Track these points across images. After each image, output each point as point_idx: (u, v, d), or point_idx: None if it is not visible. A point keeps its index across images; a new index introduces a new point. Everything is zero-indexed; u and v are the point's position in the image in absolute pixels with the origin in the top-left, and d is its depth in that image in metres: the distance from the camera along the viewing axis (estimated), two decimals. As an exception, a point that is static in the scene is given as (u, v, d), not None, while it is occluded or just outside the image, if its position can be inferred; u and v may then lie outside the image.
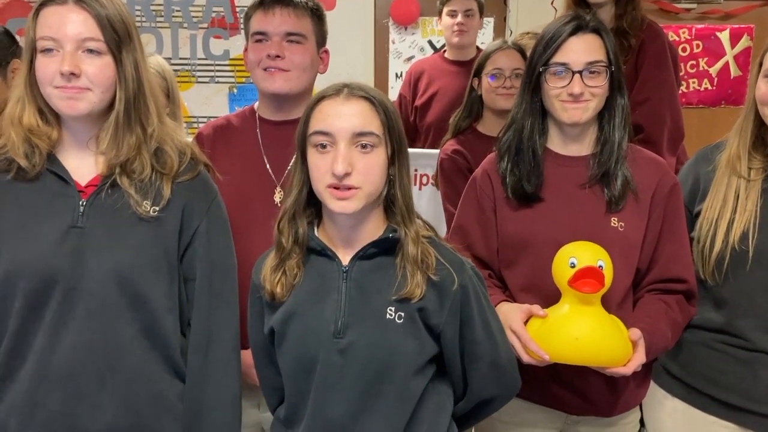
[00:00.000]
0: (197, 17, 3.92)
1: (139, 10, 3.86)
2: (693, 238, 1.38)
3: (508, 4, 3.73)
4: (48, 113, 1.16)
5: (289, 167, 1.40)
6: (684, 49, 3.99)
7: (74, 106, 1.13)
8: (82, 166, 1.19)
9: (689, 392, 1.40)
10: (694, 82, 3.95)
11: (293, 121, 1.39)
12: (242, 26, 1.54)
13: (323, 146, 1.10)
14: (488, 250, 1.43)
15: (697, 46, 3.98)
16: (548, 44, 1.33)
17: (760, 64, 1.32)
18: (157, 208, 1.17)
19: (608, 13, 1.92)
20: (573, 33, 1.32)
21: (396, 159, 1.13)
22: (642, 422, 1.50)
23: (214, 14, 3.91)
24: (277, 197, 1.51)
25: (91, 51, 1.13)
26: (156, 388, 1.19)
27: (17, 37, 1.90)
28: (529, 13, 1.98)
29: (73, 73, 1.10)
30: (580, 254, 1.24)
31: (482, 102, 2.06)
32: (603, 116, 1.38)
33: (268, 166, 1.54)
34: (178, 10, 3.89)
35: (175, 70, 2.53)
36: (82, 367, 1.13)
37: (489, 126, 2.03)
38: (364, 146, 1.09)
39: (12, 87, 1.18)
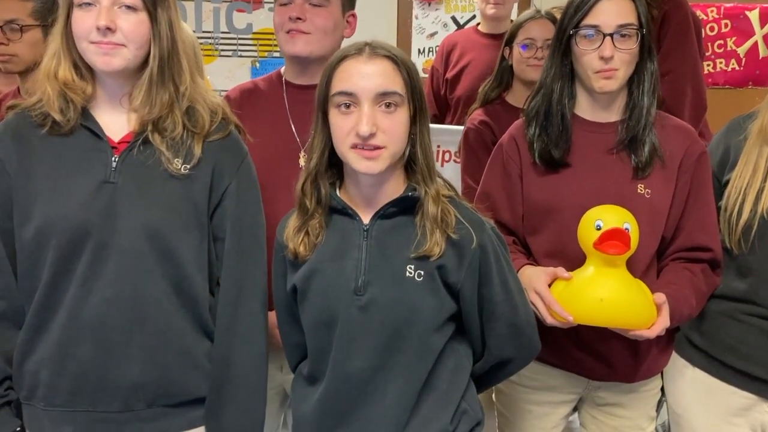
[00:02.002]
0: (220, -10, 3.93)
1: (162, -18, 3.87)
2: (720, 207, 1.38)
3: (534, -20, 3.69)
4: (83, 68, 1.17)
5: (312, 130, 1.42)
6: (712, 29, 3.92)
7: (109, 62, 1.14)
8: (115, 122, 1.20)
9: (710, 362, 1.40)
10: (721, 62, 3.88)
11: (315, 86, 1.37)
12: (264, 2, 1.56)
13: (347, 106, 1.10)
14: (513, 216, 1.44)
15: (726, 25, 3.91)
16: (579, 7, 1.33)
17: None
18: (188, 166, 1.19)
19: None
20: None
21: (417, 119, 1.14)
22: (663, 390, 1.50)
23: (237, -13, 3.92)
24: (302, 160, 1.52)
25: (127, 7, 1.13)
26: (183, 344, 1.21)
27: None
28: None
29: (108, 28, 1.11)
30: (606, 217, 1.24)
31: (512, 72, 2.05)
32: (632, 81, 1.37)
33: (293, 129, 1.56)
34: (201, -17, 3.90)
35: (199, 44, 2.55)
36: (111, 320, 1.16)
37: (518, 97, 2.00)
38: (388, 105, 1.10)
39: (48, 42, 1.19)
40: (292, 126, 1.56)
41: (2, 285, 1.19)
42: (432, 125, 1.20)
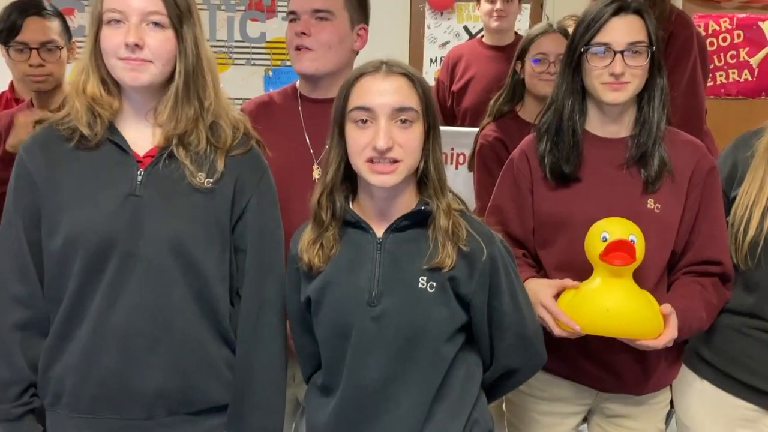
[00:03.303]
0: (235, 0, 3.98)
1: (178, -9, 3.93)
2: (728, 222, 1.40)
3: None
4: (110, 84, 1.21)
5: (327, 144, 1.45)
6: (724, 39, 3.94)
7: (137, 78, 1.18)
8: (141, 137, 1.24)
9: (717, 375, 1.42)
10: (734, 73, 3.90)
11: (330, 100, 1.40)
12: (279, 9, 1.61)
13: (363, 121, 1.14)
14: (524, 229, 1.46)
15: (738, 36, 3.92)
16: (590, 24, 1.36)
17: None
18: (211, 180, 1.22)
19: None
20: (615, 13, 1.35)
21: (431, 135, 1.18)
22: (672, 403, 1.52)
23: (251, -3, 3.98)
24: (315, 173, 1.55)
25: (155, 24, 1.17)
26: (204, 353, 1.25)
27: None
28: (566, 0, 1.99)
29: (137, 45, 1.15)
30: (611, 229, 1.27)
31: (524, 86, 2.07)
32: (642, 97, 1.39)
33: (308, 141, 1.59)
34: (216, -8, 3.96)
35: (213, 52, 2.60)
36: (136, 328, 1.19)
37: (530, 111, 2.02)
38: (403, 121, 1.14)
39: (77, 58, 1.23)
40: (307, 139, 1.59)
41: (28, 294, 1.23)
42: (446, 128, 1.23)
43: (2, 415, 1.22)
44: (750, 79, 3.88)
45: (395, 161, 1.13)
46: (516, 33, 2.74)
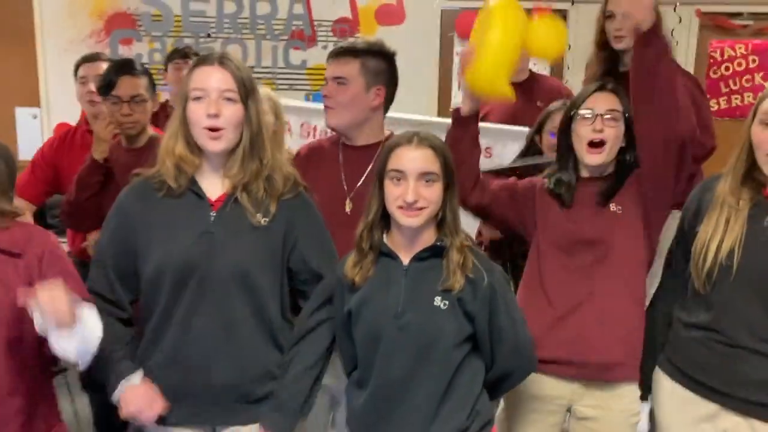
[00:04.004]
0: (279, 29, 4.27)
1: (227, 22, 4.28)
2: (691, 253, 1.65)
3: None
4: (194, 146, 1.53)
5: (359, 184, 1.83)
6: (740, 64, 4.12)
7: (216, 145, 1.50)
8: (213, 185, 1.55)
9: (683, 377, 1.67)
10: (748, 96, 4.08)
11: (364, 147, 1.85)
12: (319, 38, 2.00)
13: (398, 179, 1.47)
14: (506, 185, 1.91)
15: (753, 61, 4.10)
16: (578, 99, 1.77)
17: (755, 112, 1.57)
18: (267, 219, 1.53)
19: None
20: (597, 90, 1.75)
21: (449, 190, 1.50)
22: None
23: (294, 27, 4.26)
24: (347, 207, 1.88)
25: (228, 99, 1.49)
26: (260, 356, 1.56)
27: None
28: (585, 49, 2.25)
29: (216, 114, 1.47)
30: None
31: (542, 155, 2.33)
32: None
33: (343, 179, 1.91)
34: (262, 24, 4.26)
35: (258, 78, 2.90)
36: (209, 335, 1.51)
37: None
38: (427, 180, 1.46)
39: (167, 125, 1.56)
40: (343, 177, 1.92)
41: (115, 299, 1.56)
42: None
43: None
44: (760, 102, 4.06)
45: (420, 209, 1.45)
46: (530, 71, 3.00)
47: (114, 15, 4.27)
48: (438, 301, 1.47)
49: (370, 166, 1.84)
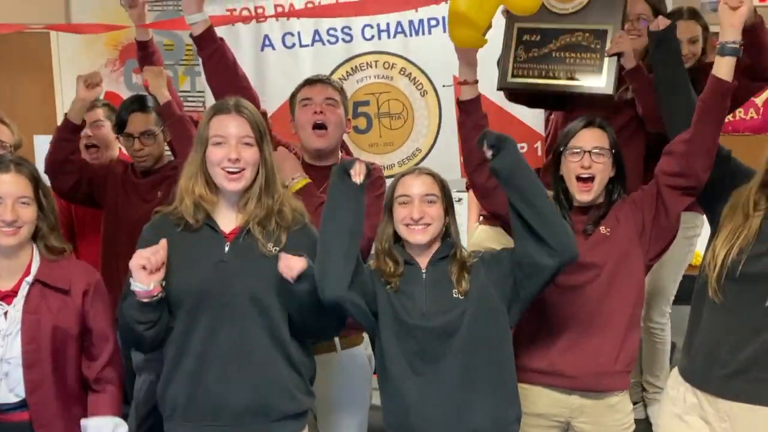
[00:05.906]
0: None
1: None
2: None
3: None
4: (212, 185, 1.68)
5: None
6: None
7: (236, 185, 1.66)
8: (227, 219, 1.70)
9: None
10: (740, 111, 4.14)
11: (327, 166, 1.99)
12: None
13: (405, 202, 1.72)
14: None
15: (746, 76, 4.20)
16: (567, 134, 1.90)
17: None
18: (278, 248, 1.66)
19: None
20: (585, 126, 1.88)
21: (448, 211, 1.76)
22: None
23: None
24: None
25: (245, 143, 1.66)
26: (277, 376, 1.66)
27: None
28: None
29: (237, 159, 1.64)
30: None
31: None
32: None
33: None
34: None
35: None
36: (228, 358, 1.63)
37: None
38: (430, 201, 1.72)
39: (186, 166, 1.71)
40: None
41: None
42: None
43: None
44: (756, 117, 4.15)
45: (426, 225, 1.71)
46: None
47: (128, 45, 4.38)
48: (455, 293, 1.70)
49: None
